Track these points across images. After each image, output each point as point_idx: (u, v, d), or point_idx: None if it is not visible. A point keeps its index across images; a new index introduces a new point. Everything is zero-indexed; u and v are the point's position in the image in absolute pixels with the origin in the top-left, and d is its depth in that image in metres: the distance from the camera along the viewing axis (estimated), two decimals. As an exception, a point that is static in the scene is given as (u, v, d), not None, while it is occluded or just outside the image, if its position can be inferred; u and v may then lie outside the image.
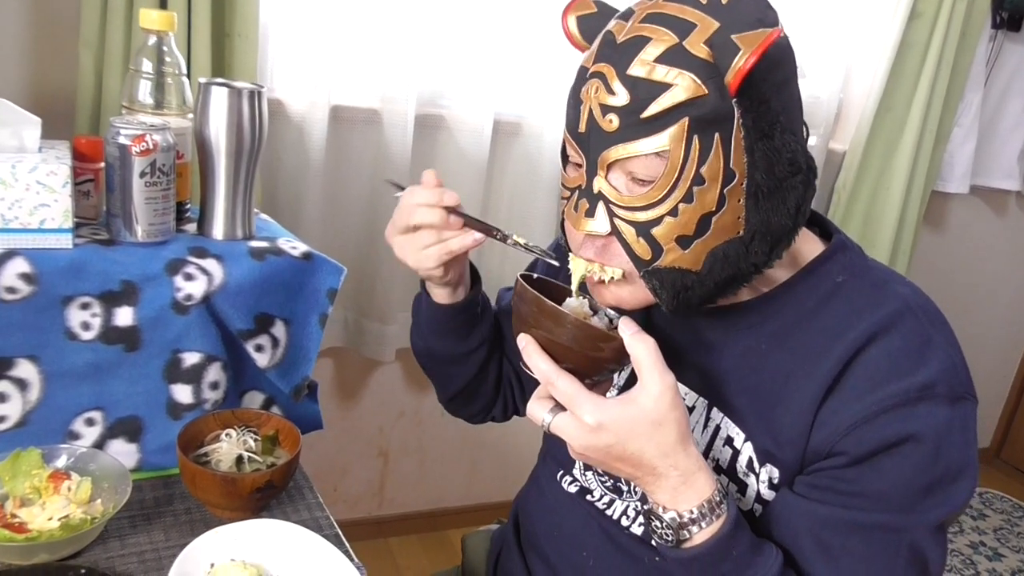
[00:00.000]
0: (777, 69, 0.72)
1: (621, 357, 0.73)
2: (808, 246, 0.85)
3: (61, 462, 0.90)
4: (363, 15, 1.76)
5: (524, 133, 1.96)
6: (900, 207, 2.41)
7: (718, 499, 0.74)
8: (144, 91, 1.04)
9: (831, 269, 0.83)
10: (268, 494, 0.91)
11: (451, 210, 0.86)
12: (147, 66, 1.03)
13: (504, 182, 2.01)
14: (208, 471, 0.89)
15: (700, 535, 0.73)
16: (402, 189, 0.89)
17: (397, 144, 1.83)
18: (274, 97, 1.74)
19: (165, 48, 1.04)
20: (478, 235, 0.86)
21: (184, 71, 1.06)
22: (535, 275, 0.85)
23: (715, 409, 0.85)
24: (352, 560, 0.88)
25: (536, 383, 0.76)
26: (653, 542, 0.77)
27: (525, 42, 1.84)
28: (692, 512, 0.73)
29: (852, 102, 2.44)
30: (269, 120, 1.70)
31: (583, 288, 0.82)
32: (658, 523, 0.74)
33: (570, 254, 0.82)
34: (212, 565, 0.80)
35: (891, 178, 2.41)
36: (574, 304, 0.81)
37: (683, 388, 0.87)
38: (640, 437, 0.71)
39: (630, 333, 0.72)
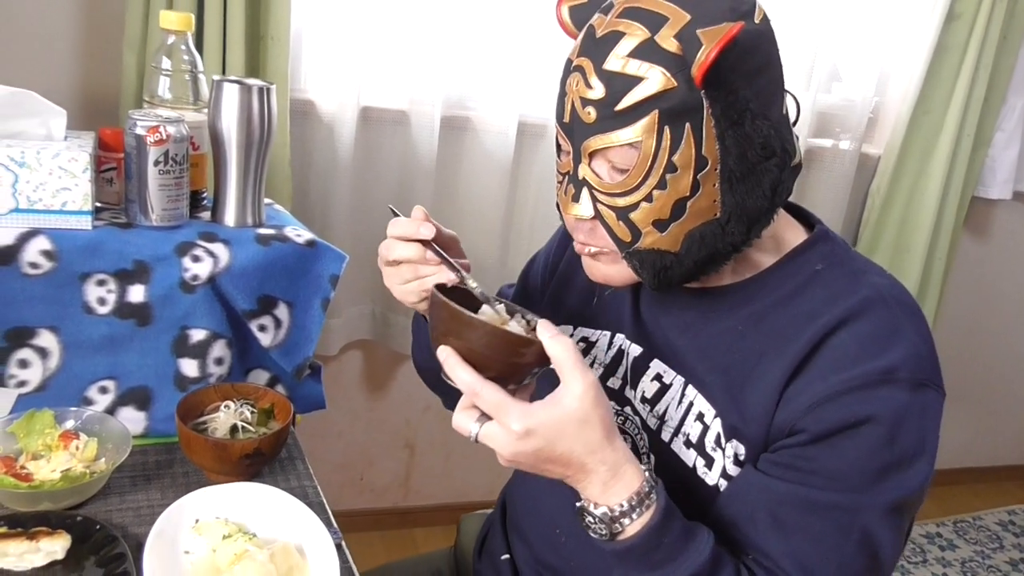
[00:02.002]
0: (748, 58, 0.75)
1: (541, 361, 0.74)
2: (792, 234, 0.88)
3: (70, 423, 0.99)
4: (392, 20, 1.83)
5: (549, 135, 2.00)
6: (936, 212, 2.38)
7: (647, 490, 0.75)
8: (163, 87, 1.12)
9: (811, 257, 0.86)
10: (258, 461, 0.98)
11: (428, 244, 0.86)
12: (166, 63, 1.11)
13: (529, 183, 2.06)
14: (202, 436, 0.96)
15: (632, 527, 0.75)
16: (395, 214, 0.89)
17: (424, 145, 1.89)
18: (306, 98, 1.83)
19: (183, 47, 1.12)
20: (452, 275, 0.86)
21: (200, 68, 1.14)
22: (449, 283, 0.84)
23: (690, 386, 0.87)
24: (331, 527, 0.94)
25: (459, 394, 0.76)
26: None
27: (549, 46, 1.89)
28: (623, 505, 0.75)
29: (888, 105, 2.42)
30: (301, 120, 1.81)
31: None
32: (591, 519, 0.76)
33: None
34: (197, 520, 0.87)
35: (927, 183, 2.38)
36: (491, 312, 0.82)
37: (663, 366, 0.90)
38: (568, 437, 0.73)
39: (549, 336, 0.73)
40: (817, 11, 2.15)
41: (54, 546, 0.83)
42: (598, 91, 0.75)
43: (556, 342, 0.73)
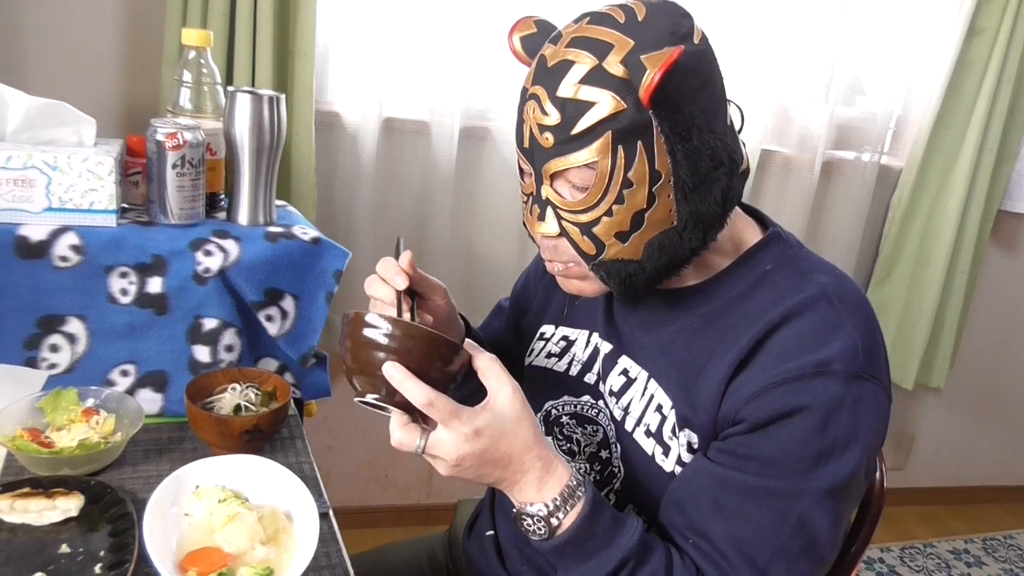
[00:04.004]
0: (690, 77, 0.80)
1: (463, 370, 0.80)
2: (750, 236, 0.94)
3: (92, 401, 1.09)
4: (414, 35, 1.93)
5: (564, 145, 2.07)
6: (957, 225, 2.38)
7: (575, 483, 0.81)
8: (184, 97, 1.23)
9: (763, 258, 0.92)
10: (257, 437, 1.06)
11: (399, 294, 0.91)
12: (187, 76, 1.22)
13: (546, 191, 2.13)
14: (206, 413, 1.05)
15: (567, 520, 0.81)
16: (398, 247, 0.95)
17: (444, 154, 1.99)
18: (332, 109, 1.93)
19: (203, 61, 1.22)
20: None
21: (218, 80, 1.25)
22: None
23: (652, 380, 0.93)
24: (320, 498, 1.02)
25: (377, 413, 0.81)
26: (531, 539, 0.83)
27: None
28: (556, 500, 0.80)
29: (910, 119, 2.44)
30: (327, 130, 1.91)
31: None
32: (529, 521, 0.81)
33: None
34: (197, 487, 0.96)
35: (948, 196, 2.39)
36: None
37: (629, 361, 0.97)
38: (508, 435, 0.79)
39: (477, 351, 0.81)
40: (836, 25, 2.19)
41: (69, 504, 0.93)
42: (554, 117, 0.81)
43: (482, 354, 0.81)
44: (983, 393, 2.87)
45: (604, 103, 0.78)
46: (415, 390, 0.76)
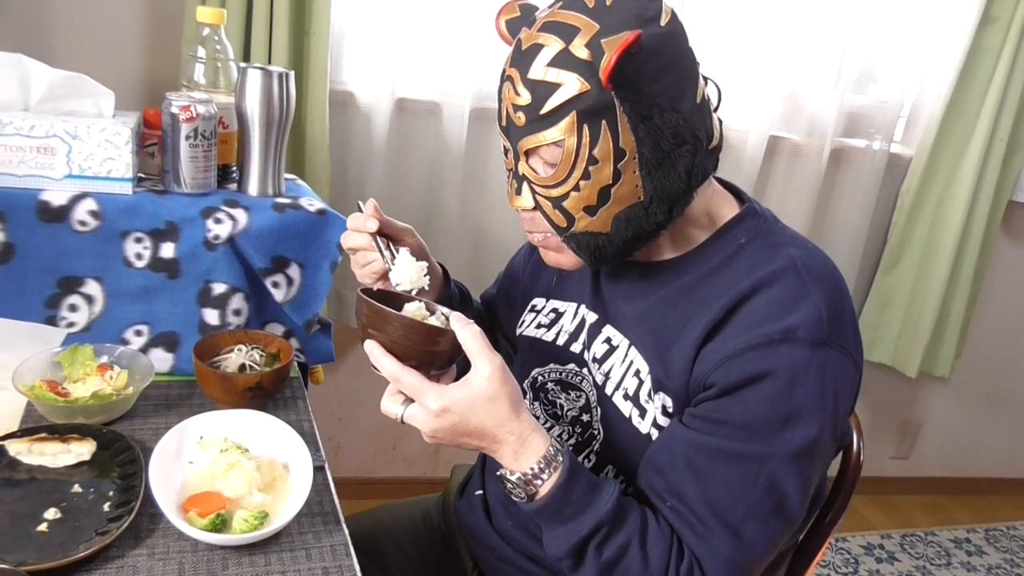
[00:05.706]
0: (653, 59, 0.84)
1: (456, 348, 0.84)
2: (727, 211, 0.99)
3: (106, 358, 1.16)
4: (427, 17, 1.98)
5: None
6: (965, 214, 2.39)
7: (552, 452, 0.86)
8: (199, 72, 1.28)
9: (738, 232, 0.96)
10: (259, 394, 1.12)
11: (373, 235, 1.01)
12: (201, 52, 1.28)
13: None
14: (212, 370, 1.12)
15: (544, 487, 0.86)
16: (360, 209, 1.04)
17: (454, 134, 2.04)
18: (346, 89, 1.99)
19: (216, 38, 1.28)
20: (388, 258, 1.01)
21: (231, 56, 1.30)
22: (375, 288, 0.99)
23: (632, 348, 0.98)
24: (316, 452, 1.08)
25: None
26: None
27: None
28: (533, 469, 0.85)
29: (921, 107, 2.45)
30: (341, 110, 1.97)
31: None
32: (510, 484, 0.87)
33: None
34: (201, 437, 1.02)
35: (958, 185, 2.39)
36: (412, 308, 0.92)
37: (612, 330, 1.02)
38: (479, 413, 0.83)
39: (461, 325, 0.84)
40: (848, 11, 2.20)
41: (82, 449, 0.99)
42: (525, 97, 0.85)
43: (466, 331, 0.84)
44: (991, 384, 2.88)
45: (570, 84, 0.83)
46: (388, 365, 0.84)
